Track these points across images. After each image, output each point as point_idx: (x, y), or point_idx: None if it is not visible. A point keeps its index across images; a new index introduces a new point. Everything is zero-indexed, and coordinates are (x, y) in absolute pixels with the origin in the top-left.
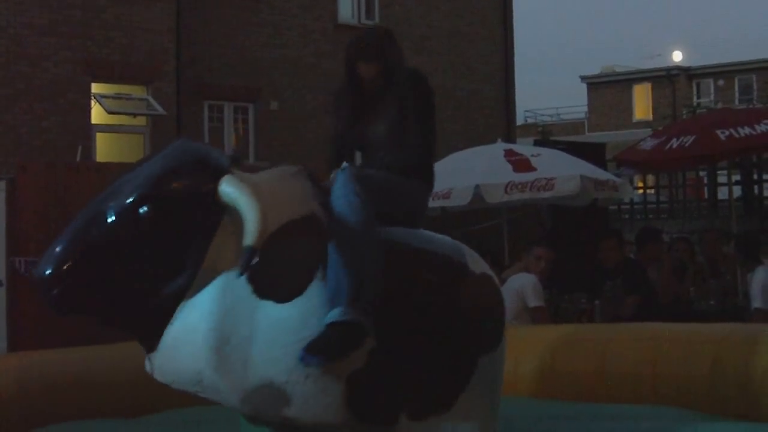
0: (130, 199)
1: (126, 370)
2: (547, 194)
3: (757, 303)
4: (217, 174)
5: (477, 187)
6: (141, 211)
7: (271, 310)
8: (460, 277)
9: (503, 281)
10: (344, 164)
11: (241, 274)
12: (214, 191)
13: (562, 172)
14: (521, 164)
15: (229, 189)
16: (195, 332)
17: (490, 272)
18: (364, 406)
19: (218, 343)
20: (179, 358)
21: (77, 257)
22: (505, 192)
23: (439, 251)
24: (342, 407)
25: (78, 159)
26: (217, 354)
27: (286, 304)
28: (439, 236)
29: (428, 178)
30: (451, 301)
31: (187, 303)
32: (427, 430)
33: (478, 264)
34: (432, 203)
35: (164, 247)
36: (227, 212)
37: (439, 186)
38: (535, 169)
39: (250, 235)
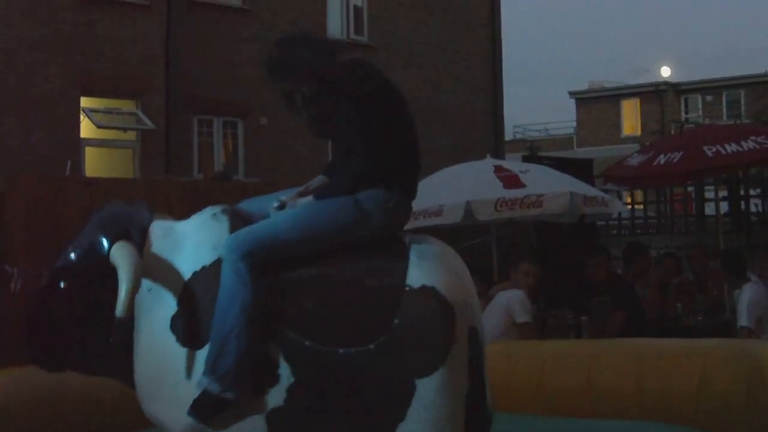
0: (53, 272)
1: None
2: (536, 211)
3: (743, 321)
4: (116, 239)
5: (468, 203)
6: (60, 284)
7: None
8: (392, 295)
9: (491, 297)
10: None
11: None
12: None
13: (551, 189)
14: (511, 180)
15: (114, 256)
16: (139, 381)
17: (438, 282)
18: None
19: (153, 392)
20: (142, 401)
21: (33, 322)
22: (495, 209)
23: (372, 269)
24: None
25: (67, 173)
26: (155, 402)
27: (204, 349)
28: (388, 246)
29: (385, 183)
30: (379, 324)
31: (134, 353)
32: None
33: (422, 275)
34: (424, 221)
35: (92, 309)
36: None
37: (429, 203)
38: (524, 186)
39: (119, 307)
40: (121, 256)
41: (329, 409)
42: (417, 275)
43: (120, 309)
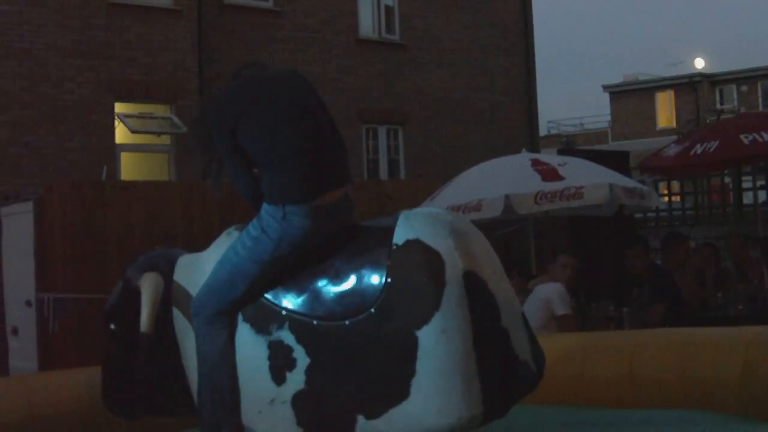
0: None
1: None
2: (576, 203)
3: None
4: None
5: (507, 197)
6: (109, 325)
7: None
8: (380, 257)
9: (530, 291)
10: None
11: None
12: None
13: (590, 181)
14: (549, 173)
15: (141, 281)
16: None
17: (422, 233)
18: (315, 422)
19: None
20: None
21: (105, 370)
22: (535, 202)
23: (359, 241)
24: (295, 429)
25: (103, 179)
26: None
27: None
28: (378, 219)
29: (272, 199)
30: (372, 288)
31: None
32: (389, 425)
33: (406, 230)
34: (465, 217)
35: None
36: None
37: (468, 198)
38: (563, 178)
39: (141, 322)
40: (143, 281)
41: (347, 380)
42: (402, 233)
43: (143, 324)
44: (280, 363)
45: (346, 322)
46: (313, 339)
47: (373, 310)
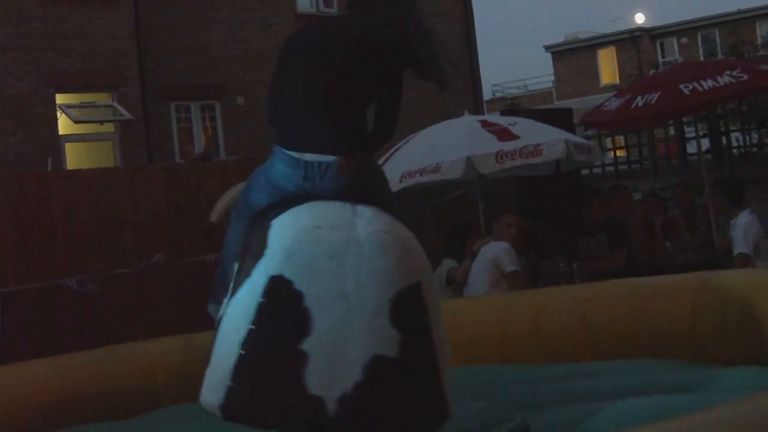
0: None
1: (107, 375)
2: (536, 159)
3: (740, 248)
4: None
5: (468, 158)
6: None
7: None
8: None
9: (476, 254)
10: None
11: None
12: None
13: (546, 138)
14: (503, 133)
15: None
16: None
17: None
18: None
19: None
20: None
21: None
22: (497, 161)
23: None
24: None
25: (49, 170)
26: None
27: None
28: None
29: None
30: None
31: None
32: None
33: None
34: (422, 178)
35: None
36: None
37: (425, 162)
38: (518, 137)
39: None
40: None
41: None
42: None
43: (213, 214)
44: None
45: None
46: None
47: None
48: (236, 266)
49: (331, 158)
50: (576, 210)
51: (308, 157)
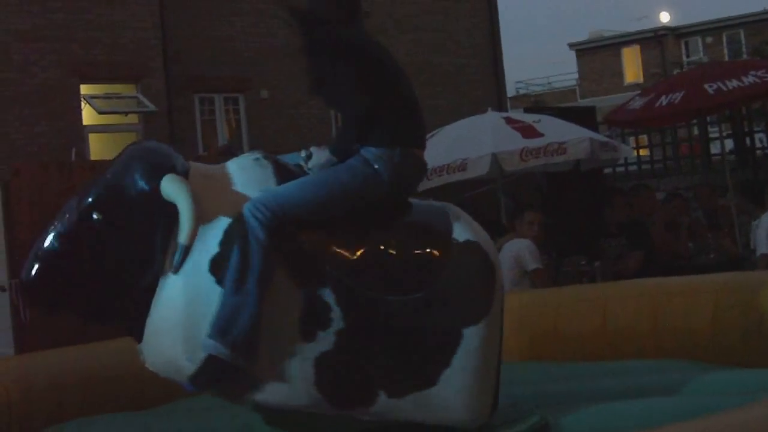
0: (85, 205)
1: (126, 364)
2: (560, 158)
3: (763, 249)
4: (155, 170)
5: (493, 155)
6: (94, 216)
7: None
8: (439, 248)
9: (499, 250)
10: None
11: (174, 272)
12: (156, 188)
13: (570, 136)
14: (527, 130)
15: (167, 187)
16: (168, 323)
17: (479, 238)
18: (335, 388)
19: (188, 333)
20: (159, 348)
21: (49, 262)
22: (521, 159)
23: (419, 221)
24: (311, 390)
25: (73, 161)
26: (186, 344)
27: None
28: (426, 204)
29: (384, 141)
30: (429, 273)
31: (159, 295)
32: (410, 406)
33: (464, 230)
34: (449, 177)
35: (126, 245)
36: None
37: (449, 158)
38: (542, 135)
39: (183, 234)
40: (177, 186)
41: (377, 354)
42: (460, 231)
43: (185, 237)
44: (313, 319)
45: (389, 298)
46: (352, 304)
47: (421, 295)
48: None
49: None
50: (598, 209)
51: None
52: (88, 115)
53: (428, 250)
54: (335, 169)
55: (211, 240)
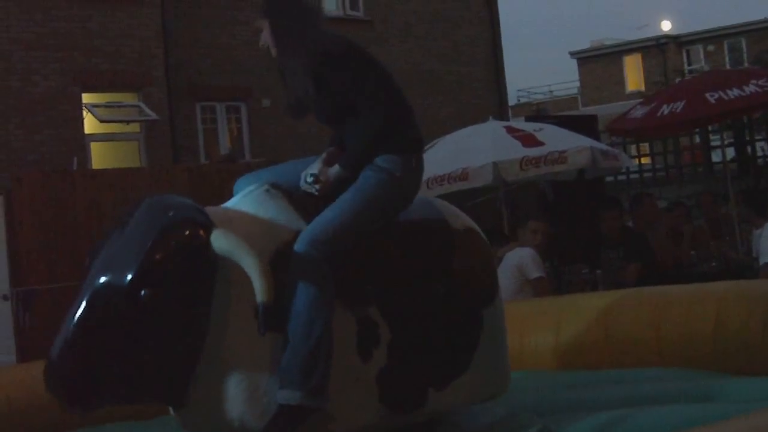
0: (128, 283)
1: None
2: (560, 167)
3: (766, 258)
4: (199, 227)
5: (494, 164)
6: (143, 293)
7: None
8: (446, 238)
9: (500, 260)
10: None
11: (263, 334)
12: (206, 246)
13: (571, 145)
14: (528, 139)
15: (222, 243)
16: (227, 385)
17: (471, 224)
18: (396, 398)
19: (251, 391)
20: (215, 411)
21: (84, 352)
22: (521, 168)
23: (416, 219)
24: (378, 406)
25: (74, 169)
26: (253, 402)
27: None
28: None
29: (402, 148)
30: (445, 264)
31: (211, 356)
32: (453, 395)
33: (458, 219)
34: (450, 186)
35: (179, 314)
36: (221, 262)
37: (450, 167)
38: (543, 143)
39: (262, 293)
40: (233, 241)
41: (420, 353)
42: (454, 220)
43: (265, 295)
44: (367, 339)
45: (420, 300)
46: (394, 314)
47: (441, 287)
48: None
49: None
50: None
51: None
52: (89, 124)
53: (436, 243)
54: (365, 186)
55: (245, 284)
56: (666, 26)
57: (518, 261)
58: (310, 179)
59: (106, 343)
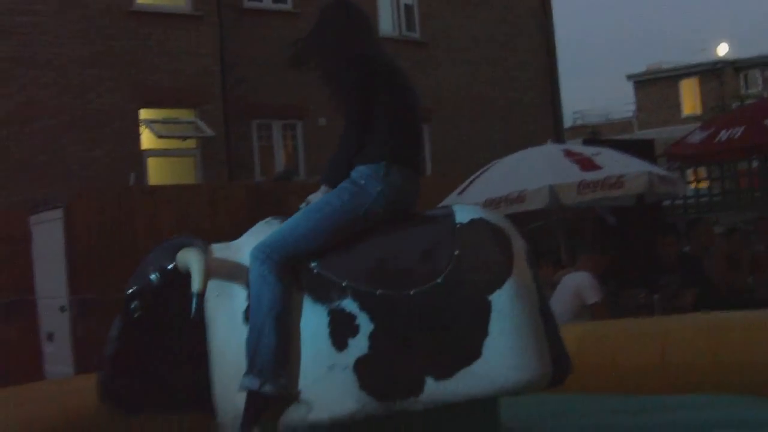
0: (125, 298)
1: None
2: (617, 192)
3: None
4: (173, 251)
5: (551, 187)
6: (132, 306)
7: None
8: (445, 232)
9: (556, 283)
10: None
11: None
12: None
13: (628, 169)
14: (586, 163)
15: (180, 256)
16: (219, 382)
17: (484, 215)
18: (380, 385)
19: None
20: (228, 406)
21: (113, 360)
22: (578, 192)
23: (421, 220)
24: (358, 393)
25: (131, 185)
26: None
27: None
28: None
29: (370, 158)
30: (442, 257)
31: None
32: (459, 384)
33: (468, 213)
34: (506, 209)
35: (168, 327)
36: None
37: (506, 189)
38: (601, 168)
39: (196, 282)
40: (187, 252)
41: (413, 345)
42: (462, 215)
43: (197, 284)
44: (341, 329)
45: (411, 292)
46: (376, 307)
47: (439, 280)
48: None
49: None
50: (654, 243)
51: (415, 170)
52: (146, 140)
53: (434, 240)
54: (326, 196)
55: (239, 295)
56: (723, 50)
57: (577, 285)
58: (303, 205)
59: (131, 354)
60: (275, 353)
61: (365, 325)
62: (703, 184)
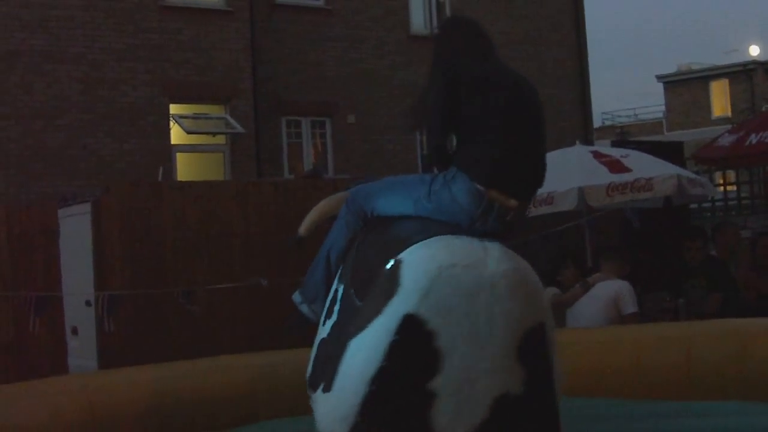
0: None
1: (201, 386)
2: (646, 194)
3: None
4: None
5: (580, 189)
6: None
7: None
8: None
9: (587, 284)
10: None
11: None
12: None
13: (657, 172)
14: (615, 165)
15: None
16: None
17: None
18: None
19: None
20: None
21: None
22: (607, 194)
23: (397, 234)
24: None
25: (160, 179)
26: None
27: None
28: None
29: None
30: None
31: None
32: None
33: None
34: (536, 210)
35: None
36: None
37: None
38: (630, 170)
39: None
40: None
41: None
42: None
43: (302, 228)
44: (330, 307)
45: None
46: (344, 304)
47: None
48: (340, 269)
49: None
50: (681, 246)
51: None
52: (176, 135)
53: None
54: (419, 177)
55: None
56: (754, 51)
57: (615, 293)
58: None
59: None
60: (317, 285)
61: (336, 314)
62: (732, 188)
